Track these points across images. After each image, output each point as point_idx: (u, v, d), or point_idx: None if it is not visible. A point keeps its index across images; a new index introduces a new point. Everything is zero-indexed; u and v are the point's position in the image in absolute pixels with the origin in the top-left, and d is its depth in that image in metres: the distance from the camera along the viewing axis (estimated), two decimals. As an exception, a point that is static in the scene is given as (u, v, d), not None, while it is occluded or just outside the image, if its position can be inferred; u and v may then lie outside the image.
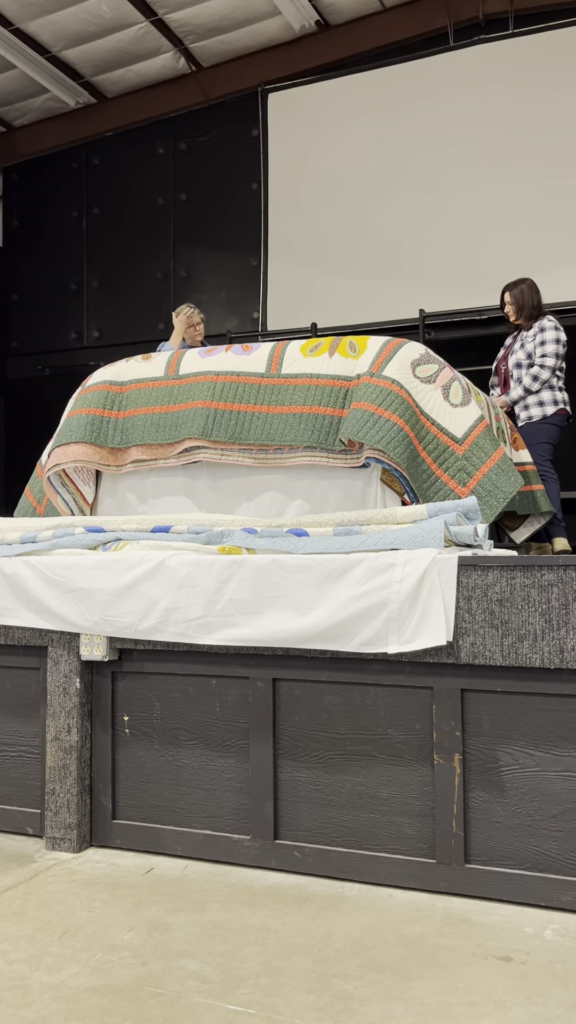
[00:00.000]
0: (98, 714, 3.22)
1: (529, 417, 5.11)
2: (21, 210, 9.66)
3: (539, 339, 5.10)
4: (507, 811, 2.68)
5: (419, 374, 3.65)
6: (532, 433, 5.05)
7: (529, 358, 5.13)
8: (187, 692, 3.11)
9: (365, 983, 2.19)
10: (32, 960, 2.33)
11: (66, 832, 3.14)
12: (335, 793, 2.88)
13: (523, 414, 5.13)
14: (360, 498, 3.67)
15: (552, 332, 5.09)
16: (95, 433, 4.01)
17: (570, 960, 2.30)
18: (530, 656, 2.62)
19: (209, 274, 8.80)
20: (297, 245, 8.33)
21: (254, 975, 2.23)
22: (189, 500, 3.95)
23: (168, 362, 4.09)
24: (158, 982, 2.20)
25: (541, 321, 5.17)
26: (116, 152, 9.21)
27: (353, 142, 8.12)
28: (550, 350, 5.04)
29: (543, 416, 5.08)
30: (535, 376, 5.04)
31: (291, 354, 3.82)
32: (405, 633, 2.71)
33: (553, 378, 5.09)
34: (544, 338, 5.09)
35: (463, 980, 2.20)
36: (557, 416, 5.11)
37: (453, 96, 7.76)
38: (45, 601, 3.19)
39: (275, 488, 3.79)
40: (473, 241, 7.61)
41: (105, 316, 9.23)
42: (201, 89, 8.66)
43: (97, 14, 7.75)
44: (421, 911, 2.60)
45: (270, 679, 2.97)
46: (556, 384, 5.13)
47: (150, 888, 2.81)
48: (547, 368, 5.03)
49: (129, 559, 3.12)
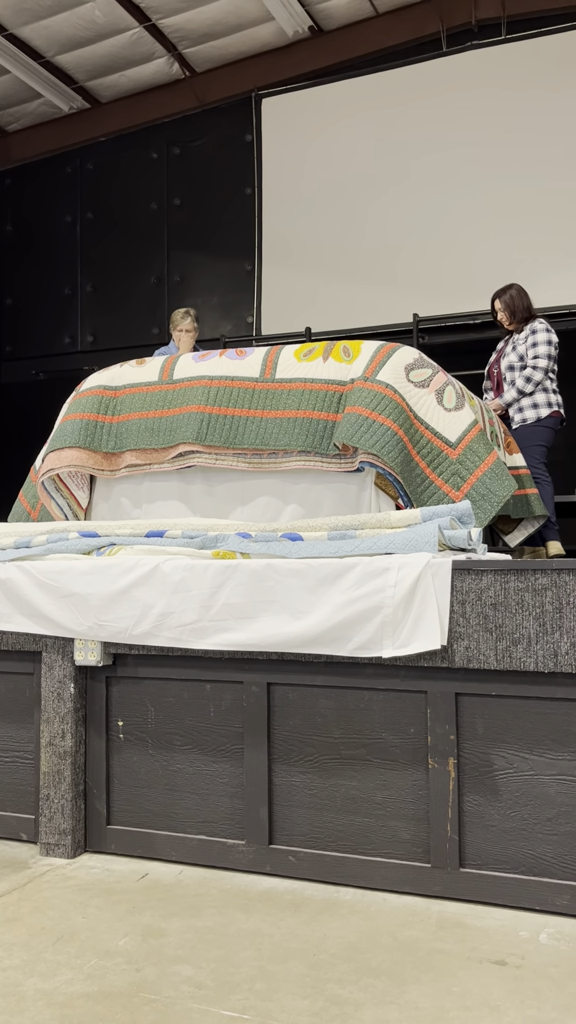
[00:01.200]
0: (92, 719, 3.22)
1: (523, 420, 5.13)
2: (15, 215, 9.66)
3: (530, 341, 5.13)
4: (501, 815, 2.68)
5: (413, 378, 3.66)
6: (526, 436, 5.06)
7: (521, 360, 5.15)
8: (181, 697, 3.11)
9: (360, 988, 2.18)
10: (26, 966, 2.32)
11: (60, 838, 3.13)
12: (330, 797, 2.88)
13: (517, 416, 5.14)
14: (354, 502, 3.67)
15: (543, 334, 5.11)
16: (89, 438, 4.01)
17: (565, 964, 2.30)
18: (524, 660, 2.63)
19: (203, 279, 8.80)
20: (291, 250, 8.35)
21: (249, 980, 2.23)
22: (183, 505, 3.95)
23: (162, 367, 4.10)
24: (152, 988, 2.20)
25: (532, 323, 5.19)
26: (110, 157, 9.21)
27: (347, 147, 8.14)
28: (542, 351, 5.06)
29: (537, 419, 5.10)
30: (528, 378, 5.05)
31: (285, 359, 3.82)
32: (399, 637, 2.71)
33: (546, 380, 5.10)
34: (536, 340, 5.11)
35: (458, 984, 2.20)
36: (551, 419, 5.12)
37: (446, 101, 7.79)
38: (39, 606, 3.19)
39: (269, 492, 3.79)
40: (466, 246, 7.63)
41: (99, 321, 9.23)
42: (195, 94, 8.67)
43: (91, 19, 7.76)
44: (416, 915, 2.60)
45: (264, 683, 2.97)
46: (550, 386, 5.14)
47: (144, 894, 2.80)
48: (540, 369, 5.04)
49: (123, 564, 3.12)
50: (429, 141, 7.83)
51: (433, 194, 7.80)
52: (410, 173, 7.90)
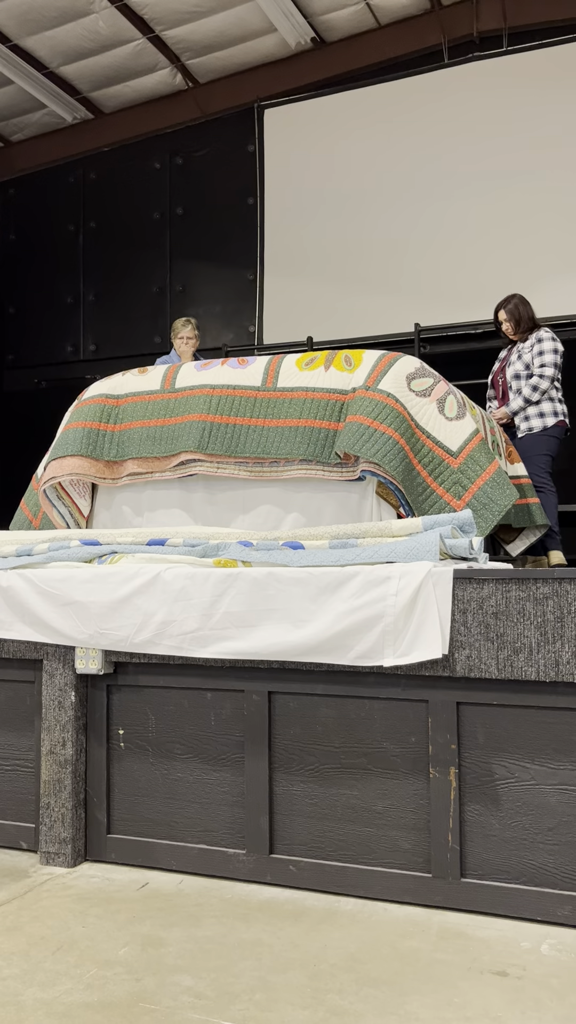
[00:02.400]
0: (93, 727, 3.21)
1: (529, 428, 5.12)
2: (18, 224, 9.70)
3: (537, 350, 5.14)
4: (502, 824, 2.67)
5: (414, 388, 3.67)
6: (531, 445, 5.06)
7: (527, 369, 5.16)
8: (182, 705, 3.10)
9: (360, 998, 2.18)
10: (26, 976, 2.32)
11: (60, 847, 3.13)
12: (330, 807, 2.87)
13: (523, 425, 5.14)
14: (356, 511, 3.68)
15: (549, 343, 5.14)
16: (91, 446, 4.02)
17: (566, 975, 2.29)
18: (525, 669, 2.62)
19: (205, 288, 8.83)
20: (293, 259, 8.37)
21: (249, 990, 2.22)
22: (185, 513, 3.95)
23: (164, 375, 4.11)
24: (152, 998, 2.19)
25: (538, 333, 5.21)
26: (113, 167, 9.25)
27: (348, 157, 8.17)
28: (548, 360, 5.09)
29: (543, 428, 5.10)
30: (534, 386, 5.07)
31: (287, 368, 3.83)
32: (401, 646, 2.71)
33: (552, 389, 5.12)
34: (542, 348, 5.13)
35: (459, 995, 2.19)
36: (557, 428, 5.13)
37: (448, 112, 7.82)
38: (40, 614, 3.19)
39: (271, 501, 3.80)
40: (468, 255, 7.65)
41: (101, 329, 9.25)
42: (197, 105, 8.71)
43: (94, 30, 7.80)
44: (417, 925, 2.59)
45: (265, 692, 2.97)
46: (556, 396, 5.16)
47: (144, 903, 2.79)
48: (546, 378, 5.06)
49: (125, 572, 3.12)
50: (430, 152, 7.86)
51: (434, 204, 7.83)
52: (411, 183, 7.93)
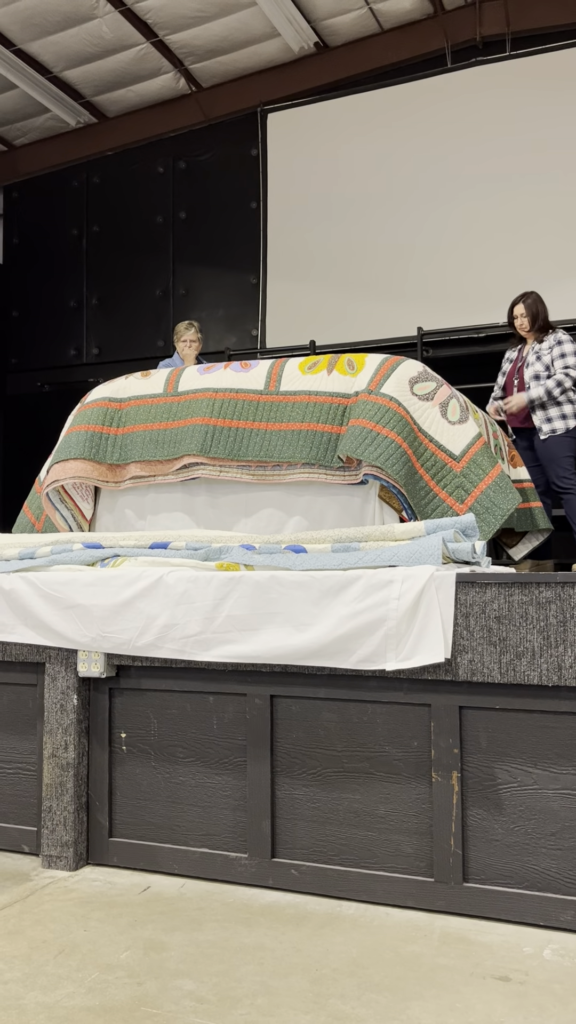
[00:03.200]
0: (95, 731, 3.21)
1: (552, 430, 5.08)
2: (22, 228, 9.72)
3: (558, 351, 5.12)
4: (505, 829, 2.67)
5: (417, 391, 3.67)
6: (556, 447, 5.04)
7: (547, 369, 5.13)
8: (184, 709, 3.10)
9: (362, 1003, 2.17)
10: (27, 980, 2.31)
11: (62, 850, 3.12)
12: (332, 811, 2.87)
13: (546, 427, 5.09)
14: (358, 515, 3.67)
15: (570, 345, 5.14)
16: (94, 449, 4.02)
17: (569, 980, 2.28)
18: (528, 673, 2.62)
19: (208, 292, 8.84)
20: (296, 263, 8.38)
21: (250, 995, 2.21)
22: (187, 516, 3.95)
23: (167, 379, 4.11)
24: (154, 1002, 2.19)
25: (556, 334, 5.20)
26: (116, 171, 9.27)
27: (352, 162, 8.19)
28: (572, 362, 5.07)
29: (567, 429, 5.07)
30: (559, 382, 5.03)
31: (290, 371, 3.84)
32: (403, 650, 2.71)
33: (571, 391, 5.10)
34: (564, 350, 5.12)
35: (461, 1000, 2.18)
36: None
37: (451, 117, 7.83)
38: (43, 617, 3.19)
39: (273, 505, 3.80)
40: (471, 259, 7.66)
41: (104, 333, 9.27)
42: (201, 109, 8.73)
43: (98, 35, 7.83)
44: (419, 930, 2.59)
45: (267, 696, 2.96)
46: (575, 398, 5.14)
47: (146, 907, 2.79)
48: (571, 377, 5.04)
49: (127, 575, 3.12)
50: (433, 156, 7.88)
51: (437, 208, 7.84)
52: (414, 188, 7.94)
